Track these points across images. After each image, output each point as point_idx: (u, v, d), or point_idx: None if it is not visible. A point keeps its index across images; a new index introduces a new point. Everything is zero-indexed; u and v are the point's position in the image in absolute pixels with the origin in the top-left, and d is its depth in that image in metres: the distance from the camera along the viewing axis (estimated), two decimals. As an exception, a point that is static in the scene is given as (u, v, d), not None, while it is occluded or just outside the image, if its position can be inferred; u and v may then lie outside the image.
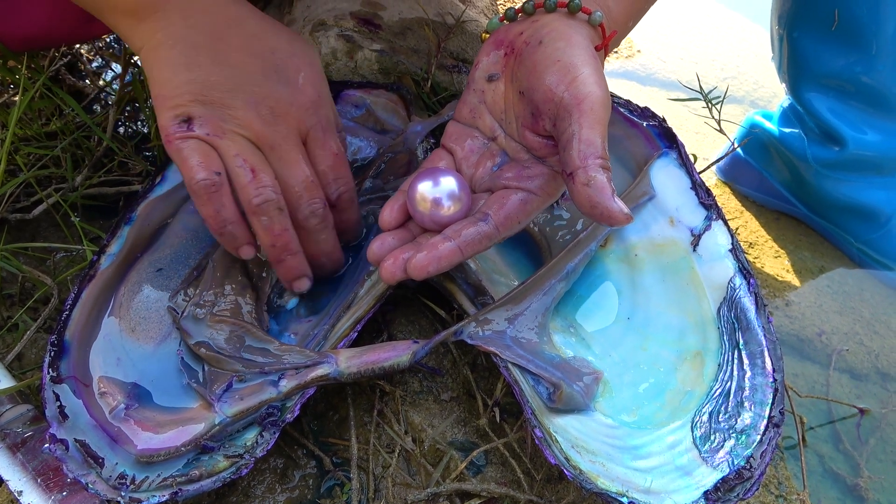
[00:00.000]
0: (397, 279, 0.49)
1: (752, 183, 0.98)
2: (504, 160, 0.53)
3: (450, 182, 0.51)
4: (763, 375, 0.54)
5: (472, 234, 0.49)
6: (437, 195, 0.51)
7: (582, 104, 0.45)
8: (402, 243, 0.52)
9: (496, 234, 0.49)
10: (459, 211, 0.51)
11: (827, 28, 0.79)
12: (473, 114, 0.54)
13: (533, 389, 0.53)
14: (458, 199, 0.51)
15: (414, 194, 0.51)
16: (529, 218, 0.51)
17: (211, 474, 0.48)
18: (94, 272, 0.56)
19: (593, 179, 0.43)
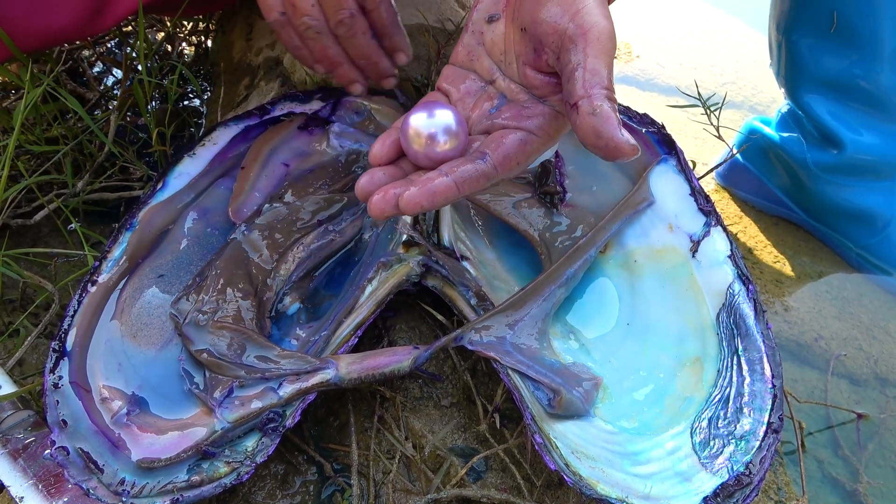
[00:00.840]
0: (387, 215, 0.47)
1: (751, 188, 0.99)
2: (502, 102, 0.51)
3: (446, 116, 0.48)
4: (762, 381, 0.54)
5: (469, 171, 0.46)
6: (432, 129, 0.47)
7: (588, 34, 0.44)
8: (392, 180, 0.50)
9: (494, 173, 0.47)
10: (456, 148, 0.48)
11: (825, 31, 0.80)
12: (471, 56, 0.54)
13: (533, 395, 0.54)
14: (454, 135, 0.48)
15: (407, 128, 0.48)
16: (529, 160, 0.49)
17: (212, 480, 0.49)
18: (96, 278, 0.56)
19: (599, 108, 0.42)
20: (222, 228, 0.62)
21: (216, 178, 0.64)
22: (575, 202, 0.65)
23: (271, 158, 0.65)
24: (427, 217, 0.62)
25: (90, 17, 0.67)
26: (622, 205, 0.63)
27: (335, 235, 0.60)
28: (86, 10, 0.66)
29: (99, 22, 0.68)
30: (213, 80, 0.99)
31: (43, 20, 0.65)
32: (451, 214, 0.62)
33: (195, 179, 0.62)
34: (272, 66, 0.83)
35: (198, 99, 0.99)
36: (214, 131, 0.65)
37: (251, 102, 0.80)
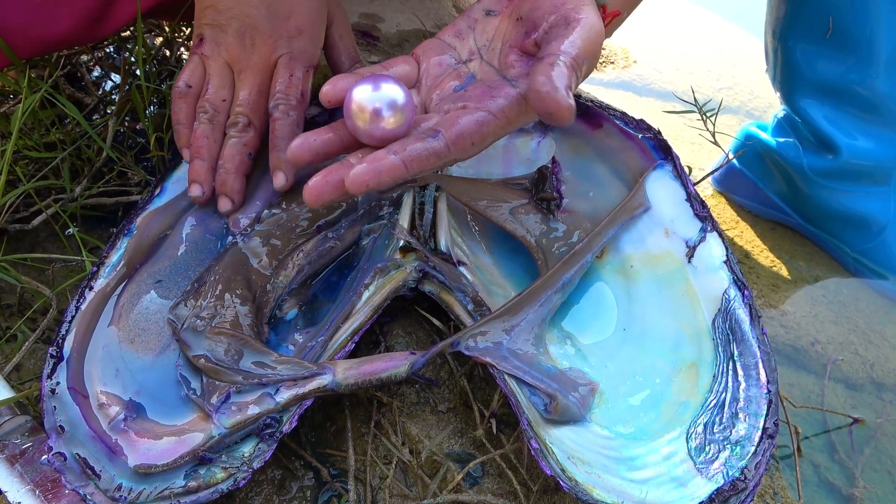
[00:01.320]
0: (324, 201, 0.46)
1: (747, 193, 0.99)
2: (469, 82, 0.51)
3: (393, 90, 0.45)
4: (757, 387, 0.54)
5: (418, 149, 0.45)
6: (376, 104, 0.44)
7: (582, 21, 0.47)
8: (326, 147, 0.50)
9: (446, 152, 0.46)
10: (401, 126, 0.45)
11: (821, 36, 0.80)
12: (458, 35, 0.55)
13: (529, 400, 0.54)
14: (400, 110, 0.45)
15: (350, 102, 0.45)
16: (484, 142, 0.48)
17: (208, 486, 0.49)
18: (94, 284, 0.56)
19: (559, 66, 0.44)
20: (220, 234, 0.62)
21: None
22: (571, 208, 0.65)
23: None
24: (424, 222, 0.62)
25: (90, 24, 0.67)
26: (618, 210, 0.63)
27: (335, 242, 0.60)
28: (86, 18, 0.67)
29: (99, 29, 0.68)
30: (211, 84, 0.99)
31: (43, 27, 0.66)
32: (448, 220, 0.63)
33: (193, 185, 0.63)
34: (270, 72, 0.84)
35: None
36: (212, 137, 0.65)
37: (249, 107, 0.80)
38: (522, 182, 0.66)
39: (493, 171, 0.68)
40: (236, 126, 0.61)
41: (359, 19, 0.79)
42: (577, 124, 0.67)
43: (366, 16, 0.81)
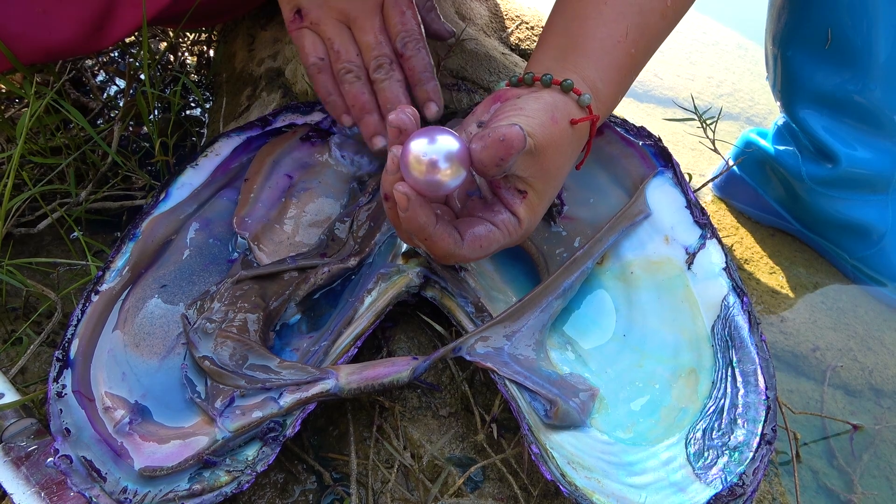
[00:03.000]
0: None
1: (747, 199, 1.00)
2: (477, 193, 0.54)
3: (449, 142, 0.45)
4: (756, 393, 0.55)
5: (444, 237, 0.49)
6: (433, 156, 0.45)
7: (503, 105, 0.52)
8: None
9: (460, 251, 0.50)
10: (458, 177, 0.45)
11: (820, 47, 0.81)
12: None
13: (529, 406, 0.54)
14: (458, 162, 0.45)
15: (407, 154, 0.45)
16: (490, 249, 0.51)
17: (212, 489, 0.49)
18: (99, 288, 0.57)
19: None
20: (224, 239, 0.62)
21: (218, 188, 0.65)
22: (572, 214, 0.66)
23: (274, 170, 0.66)
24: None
25: (90, 33, 0.68)
26: (619, 217, 0.63)
27: (355, 259, 0.61)
28: (86, 27, 0.67)
29: (100, 38, 0.69)
30: (215, 89, 1.00)
31: (43, 35, 0.66)
32: (450, 226, 0.63)
33: (198, 190, 0.63)
34: (274, 77, 0.84)
35: (200, 108, 1.00)
36: (217, 142, 0.66)
37: (253, 113, 0.81)
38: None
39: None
40: (382, 69, 0.61)
41: (362, 26, 0.80)
42: (579, 131, 0.68)
43: (369, 22, 0.81)
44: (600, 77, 0.56)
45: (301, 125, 0.67)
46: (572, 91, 0.53)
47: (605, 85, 0.56)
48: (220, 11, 0.90)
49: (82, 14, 0.67)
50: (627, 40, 0.56)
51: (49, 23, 0.66)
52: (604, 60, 0.56)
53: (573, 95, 0.53)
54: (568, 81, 0.52)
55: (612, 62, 0.56)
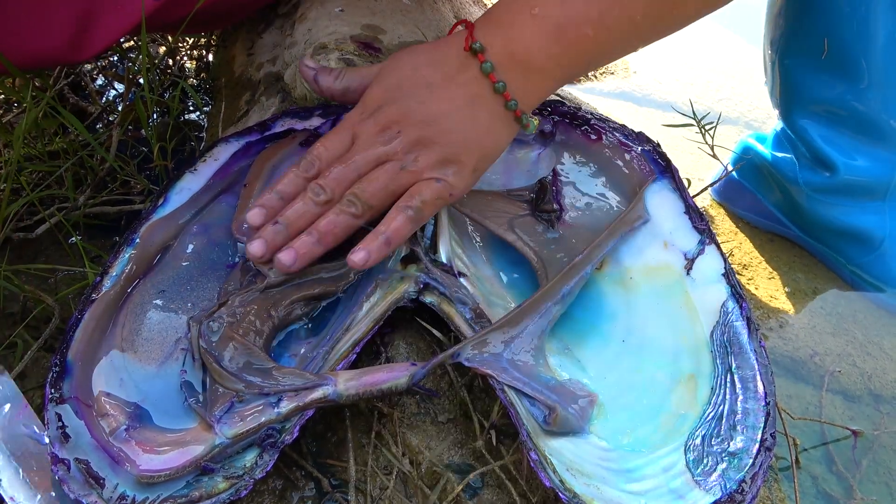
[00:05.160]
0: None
1: (746, 205, 1.00)
2: None
3: None
4: (755, 399, 0.55)
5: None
6: None
7: None
8: None
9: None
10: None
11: (818, 56, 0.81)
12: None
13: (528, 412, 0.54)
14: None
15: None
16: None
17: (210, 496, 0.49)
18: (97, 293, 0.57)
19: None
20: (223, 245, 0.62)
21: (217, 194, 0.64)
22: (571, 220, 0.66)
23: (274, 175, 0.65)
24: (425, 234, 0.63)
25: (67, 47, 0.66)
26: (618, 222, 0.63)
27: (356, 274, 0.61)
28: (62, 41, 0.66)
29: (86, 45, 0.68)
30: (214, 94, 1.00)
31: (28, 42, 0.65)
32: (449, 231, 0.63)
33: (196, 195, 0.63)
34: (273, 82, 0.84)
35: (199, 113, 1.00)
36: (215, 147, 0.66)
37: (252, 118, 0.81)
38: (523, 194, 0.67)
39: (494, 182, 0.68)
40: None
41: (360, 31, 0.80)
42: (577, 137, 0.68)
43: (367, 27, 0.81)
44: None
45: (300, 130, 0.67)
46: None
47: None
48: (219, 17, 0.90)
49: (55, 27, 0.65)
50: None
51: (28, 31, 0.65)
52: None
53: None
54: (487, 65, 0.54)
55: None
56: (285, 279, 0.59)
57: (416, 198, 0.55)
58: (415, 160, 0.55)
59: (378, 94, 0.57)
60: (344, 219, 0.55)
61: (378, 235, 0.55)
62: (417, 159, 0.55)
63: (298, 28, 0.84)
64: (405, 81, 0.56)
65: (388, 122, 0.56)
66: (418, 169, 0.55)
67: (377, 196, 0.55)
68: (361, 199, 0.55)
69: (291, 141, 0.67)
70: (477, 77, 0.55)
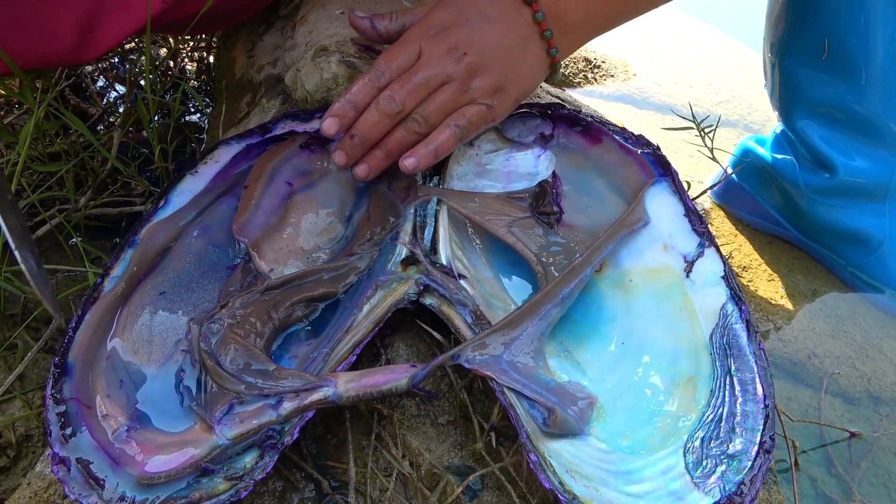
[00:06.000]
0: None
1: (745, 206, 1.00)
2: None
3: None
4: (754, 402, 0.55)
5: None
6: None
7: None
8: None
9: None
10: None
11: (818, 57, 0.81)
12: None
13: (528, 414, 0.54)
14: None
15: None
16: None
17: (210, 497, 0.49)
18: (98, 295, 0.57)
19: None
20: (224, 246, 0.62)
21: (218, 195, 0.65)
22: (571, 222, 0.66)
23: (274, 177, 0.66)
24: (425, 235, 0.63)
25: (72, 48, 0.67)
26: (618, 225, 0.63)
27: (357, 274, 0.61)
28: (68, 41, 0.66)
29: (90, 46, 0.68)
30: (214, 95, 1.00)
31: (33, 42, 0.65)
32: (448, 233, 0.63)
33: (197, 197, 0.63)
34: (273, 84, 0.84)
35: (199, 114, 1.00)
36: (216, 149, 0.66)
37: (252, 119, 0.81)
38: (523, 196, 0.67)
39: (494, 185, 0.68)
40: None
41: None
42: (577, 139, 0.68)
43: (369, 30, 0.81)
44: None
45: (301, 133, 0.67)
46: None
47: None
48: (221, 18, 0.90)
49: (62, 29, 0.66)
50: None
51: (38, 30, 0.65)
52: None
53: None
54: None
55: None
56: (286, 280, 0.59)
57: (463, 117, 0.60)
58: (474, 84, 0.60)
59: (442, 16, 0.61)
60: (410, 136, 0.60)
61: (428, 145, 0.60)
62: (476, 83, 0.60)
63: (299, 30, 0.84)
64: (467, 10, 0.61)
65: (455, 44, 0.60)
66: (474, 94, 0.60)
67: (439, 115, 0.60)
68: (426, 118, 0.60)
69: (292, 143, 0.67)
70: (529, 23, 0.61)
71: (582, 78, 1.26)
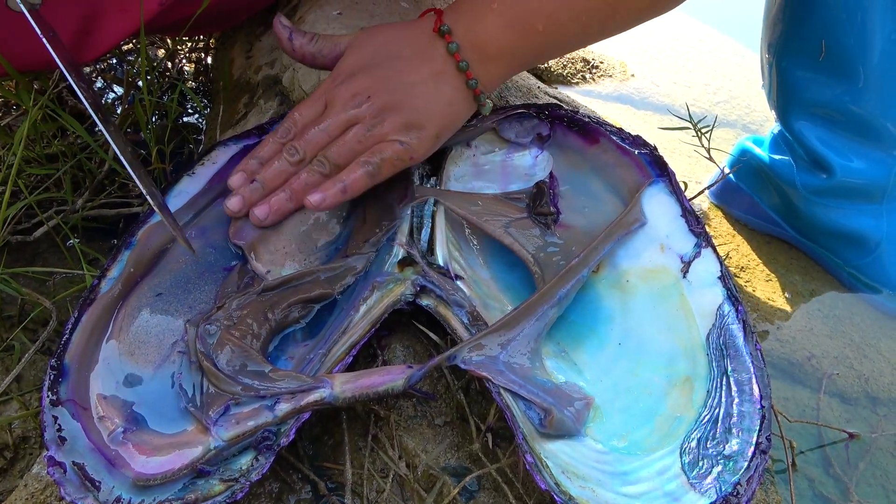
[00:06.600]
0: None
1: (743, 207, 1.00)
2: None
3: None
4: (751, 402, 0.55)
5: None
6: None
7: None
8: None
9: None
10: None
11: (815, 58, 0.81)
12: None
13: (524, 415, 0.54)
14: None
15: None
16: None
17: (206, 498, 0.49)
18: (95, 296, 0.57)
19: None
20: (221, 248, 0.62)
21: (215, 197, 0.65)
22: (568, 222, 0.66)
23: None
24: (422, 236, 0.63)
25: (74, 41, 0.67)
26: (614, 225, 0.63)
27: (354, 275, 0.61)
28: (71, 36, 0.67)
29: (88, 47, 0.68)
30: (212, 96, 1.00)
31: (31, 44, 0.65)
32: (445, 234, 0.63)
33: (194, 199, 0.63)
34: (271, 85, 0.84)
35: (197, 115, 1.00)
36: (213, 151, 0.66)
37: (250, 120, 0.81)
38: (520, 197, 0.67)
39: (491, 186, 0.68)
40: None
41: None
42: (574, 140, 0.68)
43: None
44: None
45: (297, 133, 0.67)
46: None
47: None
48: (219, 19, 0.90)
49: (64, 23, 0.66)
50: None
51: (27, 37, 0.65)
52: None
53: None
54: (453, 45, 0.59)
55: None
56: (283, 281, 0.59)
57: (376, 155, 0.59)
58: (380, 123, 0.59)
59: (351, 63, 0.61)
60: (314, 178, 0.60)
61: (336, 182, 0.59)
62: (383, 122, 0.59)
63: (296, 31, 0.84)
64: (377, 53, 0.61)
65: (360, 89, 0.60)
66: (383, 132, 0.59)
67: (344, 156, 0.59)
68: (329, 159, 0.59)
69: (289, 144, 0.67)
70: (443, 55, 0.60)
71: (580, 78, 1.26)
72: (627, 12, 0.62)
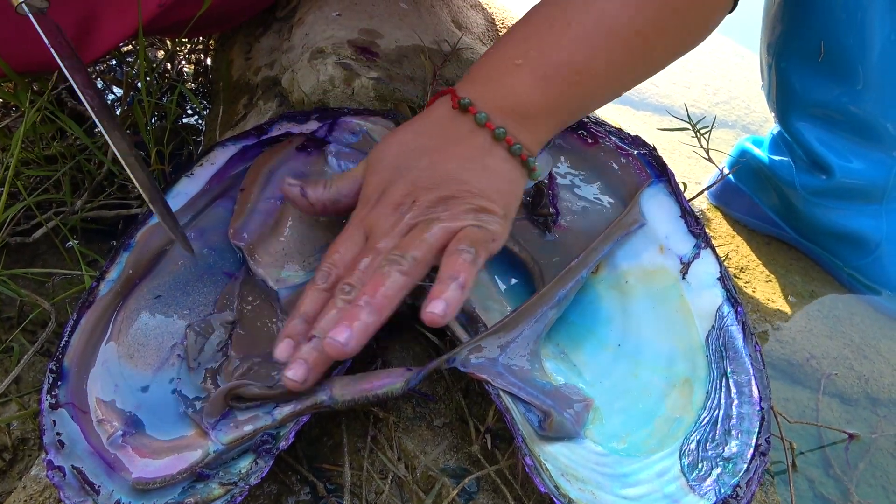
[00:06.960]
0: None
1: (742, 208, 1.00)
2: None
3: None
4: (750, 404, 0.55)
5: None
6: None
7: None
8: None
9: None
10: None
11: (814, 59, 0.81)
12: None
13: (524, 417, 0.54)
14: None
15: None
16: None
17: (206, 502, 0.49)
18: (93, 298, 0.57)
19: None
20: (220, 249, 0.62)
21: (214, 198, 0.64)
22: (567, 224, 0.66)
23: (271, 180, 0.66)
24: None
25: (74, 43, 0.67)
26: (614, 226, 0.63)
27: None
28: (70, 37, 0.66)
29: (87, 49, 0.68)
30: (211, 97, 1.00)
31: (29, 45, 0.65)
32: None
33: (193, 200, 0.63)
34: (270, 86, 0.84)
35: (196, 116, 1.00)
36: (212, 151, 0.66)
37: (249, 121, 0.81)
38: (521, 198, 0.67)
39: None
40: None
41: (357, 35, 0.80)
42: (574, 140, 0.68)
43: (365, 31, 0.82)
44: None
45: (297, 134, 0.67)
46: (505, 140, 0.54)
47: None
48: (218, 21, 0.90)
49: (62, 24, 0.66)
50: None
51: (25, 37, 0.65)
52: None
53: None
54: (499, 129, 0.53)
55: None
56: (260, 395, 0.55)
57: (464, 240, 0.49)
58: (446, 216, 0.50)
59: (376, 182, 0.53)
60: (393, 280, 0.48)
61: (448, 281, 0.47)
62: (449, 214, 0.51)
63: (296, 32, 0.84)
64: (400, 158, 0.53)
65: (400, 199, 0.51)
66: (450, 217, 0.50)
67: (419, 247, 0.49)
68: (405, 253, 0.49)
69: (288, 145, 0.67)
70: (473, 130, 0.53)
71: (579, 79, 1.26)
72: (658, 53, 0.57)
